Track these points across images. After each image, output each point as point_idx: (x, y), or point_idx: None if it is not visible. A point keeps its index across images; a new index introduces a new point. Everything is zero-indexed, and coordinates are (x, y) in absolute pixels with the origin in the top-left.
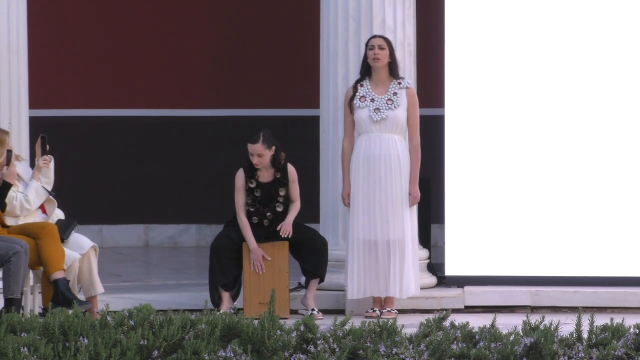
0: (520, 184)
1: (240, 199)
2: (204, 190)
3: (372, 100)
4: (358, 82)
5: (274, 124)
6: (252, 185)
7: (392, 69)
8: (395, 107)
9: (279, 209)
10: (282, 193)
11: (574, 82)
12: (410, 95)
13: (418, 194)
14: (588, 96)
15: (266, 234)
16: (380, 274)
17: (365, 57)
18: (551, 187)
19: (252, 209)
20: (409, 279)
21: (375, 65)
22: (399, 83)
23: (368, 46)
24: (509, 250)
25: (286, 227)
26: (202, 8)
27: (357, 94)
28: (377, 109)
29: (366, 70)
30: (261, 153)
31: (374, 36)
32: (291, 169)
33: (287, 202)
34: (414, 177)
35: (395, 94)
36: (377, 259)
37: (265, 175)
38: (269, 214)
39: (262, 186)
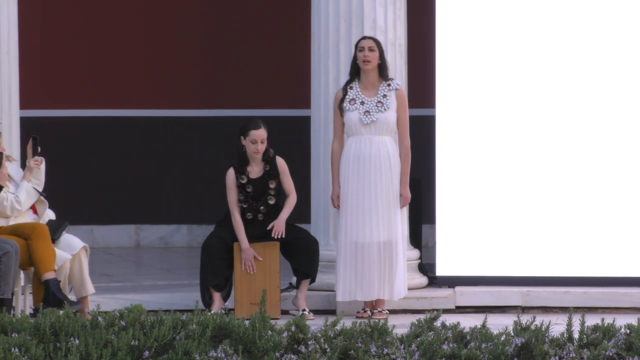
0: (512, 184)
1: (232, 197)
2: (195, 191)
3: (362, 103)
4: (347, 83)
5: (265, 124)
6: (243, 182)
7: (382, 71)
8: (385, 109)
9: (271, 201)
10: (272, 185)
11: (566, 81)
12: (400, 96)
13: (409, 195)
14: (579, 96)
15: (260, 232)
16: (371, 277)
17: (355, 59)
18: (542, 187)
19: (245, 205)
20: (399, 281)
21: (365, 67)
22: (389, 85)
23: (358, 47)
24: (500, 250)
25: (278, 227)
26: (195, 8)
27: (347, 96)
28: (367, 112)
29: (355, 71)
30: (264, 138)
31: (364, 37)
32: (280, 161)
33: (279, 194)
34: (405, 178)
35: (384, 96)
36: (367, 262)
37: (256, 170)
38: (262, 207)
39: (253, 181)
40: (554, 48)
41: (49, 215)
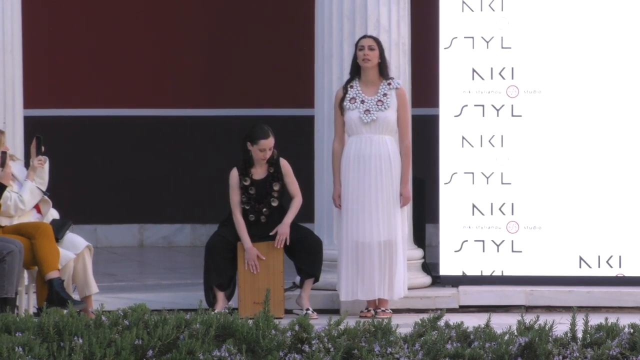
0: (514, 184)
1: (235, 197)
2: (199, 190)
3: (362, 101)
4: (348, 82)
5: (268, 123)
6: (247, 183)
7: (382, 70)
8: (385, 108)
9: (274, 203)
10: (276, 188)
11: (566, 81)
12: (400, 95)
13: (409, 194)
14: (580, 95)
15: (262, 232)
16: (371, 276)
17: (355, 57)
18: (545, 187)
19: (247, 207)
20: (399, 281)
21: (365, 66)
22: (389, 84)
23: (358, 46)
24: (504, 249)
25: (282, 235)
26: (198, 8)
27: (347, 95)
28: (367, 111)
29: (356, 70)
30: (272, 146)
31: (364, 36)
32: (284, 163)
33: (282, 196)
34: (405, 177)
35: (385, 95)
36: (367, 261)
37: (259, 172)
38: (265, 209)
39: (256, 183)
40: (558, 46)
41: (53, 214)
